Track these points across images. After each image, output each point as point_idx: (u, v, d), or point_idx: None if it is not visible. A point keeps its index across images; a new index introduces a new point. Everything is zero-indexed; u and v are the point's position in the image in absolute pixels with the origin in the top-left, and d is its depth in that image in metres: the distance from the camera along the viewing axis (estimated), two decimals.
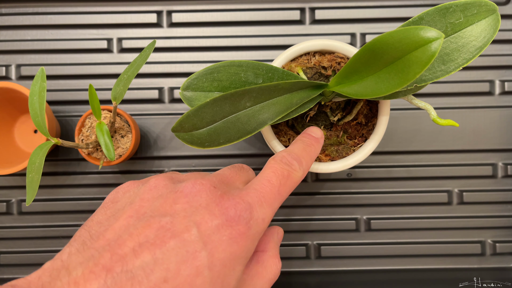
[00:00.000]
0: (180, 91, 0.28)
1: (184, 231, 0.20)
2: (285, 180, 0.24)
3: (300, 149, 0.26)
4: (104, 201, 0.24)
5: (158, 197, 0.22)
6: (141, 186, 0.23)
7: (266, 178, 0.23)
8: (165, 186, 0.23)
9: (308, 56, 0.32)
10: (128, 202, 0.22)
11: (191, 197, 0.21)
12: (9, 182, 0.44)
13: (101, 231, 0.20)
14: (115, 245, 0.19)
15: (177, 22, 0.44)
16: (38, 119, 0.32)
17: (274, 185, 0.23)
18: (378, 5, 0.44)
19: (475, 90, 0.44)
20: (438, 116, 0.27)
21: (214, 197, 0.22)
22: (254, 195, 0.22)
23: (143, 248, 0.19)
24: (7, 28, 0.44)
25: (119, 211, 0.22)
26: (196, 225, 0.20)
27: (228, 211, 0.21)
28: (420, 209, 0.44)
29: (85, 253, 0.19)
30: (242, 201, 0.22)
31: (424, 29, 0.21)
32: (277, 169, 0.24)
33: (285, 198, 0.24)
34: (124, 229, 0.20)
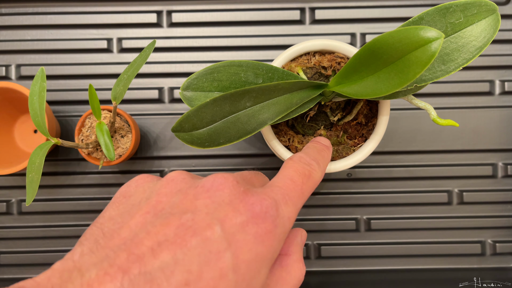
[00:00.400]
0: (180, 91, 0.28)
1: (207, 229, 0.18)
2: (306, 179, 0.23)
3: (315, 152, 0.26)
4: (115, 196, 0.22)
5: (177, 192, 0.20)
6: (157, 181, 0.22)
7: (288, 176, 0.22)
8: (183, 180, 0.21)
9: (308, 56, 0.32)
10: (144, 198, 0.21)
11: (213, 192, 0.20)
12: (9, 182, 0.44)
13: (115, 229, 0.19)
14: (132, 244, 0.17)
15: (177, 22, 0.44)
16: (38, 119, 0.32)
17: (297, 184, 0.22)
18: (378, 5, 0.44)
19: (475, 90, 0.44)
20: (438, 116, 0.27)
21: (237, 192, 0.20)
22: (278, 192, 0.21)
23: (163, 248, 0.17)
24: (7, 28, 0.44)
25: (134, 207, 0.20)
26: (220, 223, 0.18)
27: (254, 207, 0.19)
28: (420, 209, 0.44)
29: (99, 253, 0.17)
30: (267, 197, 0.20)
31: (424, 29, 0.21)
32: (298, 168, 0.23)
33: (307, 198, 0.23)
34: (141, 227, 0.18)
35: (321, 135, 0.32)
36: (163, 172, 0.44)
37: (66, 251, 0.44)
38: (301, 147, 0.32)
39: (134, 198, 0.21)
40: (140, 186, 0.22)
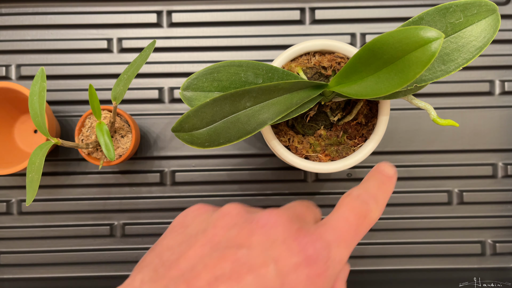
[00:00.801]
0: (180, 91, 0.28)
1: (262, 266, 0.19)
2: (362, 219, 0.22)
3: (375, 187, 0.24)
4: (173, 225, 0.23)
5: (233, 226, 0.21)
6: (213, 213, 0.23)
7: (343, 216, 0.22)
8: (238, 214, 0.22)
9: (308, 56, 0.32)
10: (201, 229, 0.21)
11: (268, 228, 0.21)
12: (9, 182, 0.44)
13: (173, 259, 0.20)
14: (190, 277, 0.18)
15: (177, 22, 0.44)
16: (38, 119, 0.32)
17: (352, 224, 0.22)
18: (378, 5, 0.44)
19: (475, 90, 0.44)
20: (438, 116, 0.27)
21: (291, 231, 0.21)
22: (332, 233, 0.21)
23: (219, 282, 0.18)
24: (7, 28, 0.44)
25: (192, 238, 0.21)
26: (274, 261, 0.19)
27: (307, 248, 0.20)
28: (420, 209, 0.44)
29: (159, 282, 0.18)
30: (320, 238, 0.21)
31: (424, 29, 0.21)
32: (354, 207, 0.22)
33: (361, 238, 0.22)
34: (199, 259, 0.19)
35: (321, 135, 0.32)
36: (163, 172, 0.44)
37: (66, 251, 0.44)
38: (301, 147, 0.32)
39: (192, 228, 0.22)
40: (197, 216, 0.23)
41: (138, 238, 0.44)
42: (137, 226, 0.44)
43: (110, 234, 0.44)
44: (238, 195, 0.44)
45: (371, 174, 0.25)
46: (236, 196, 0.44)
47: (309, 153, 0.32)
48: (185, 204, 0.44)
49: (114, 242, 0.44)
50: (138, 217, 0.44)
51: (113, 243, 0.44)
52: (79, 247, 0.44)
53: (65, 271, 0.44)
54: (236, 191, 0.44)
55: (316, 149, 0.32)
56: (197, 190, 0.44)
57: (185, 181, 0.44)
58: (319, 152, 0.32)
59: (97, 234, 0.44)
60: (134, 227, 0.44)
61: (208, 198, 0.44)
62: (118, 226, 0.44)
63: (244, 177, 0.44)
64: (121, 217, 0.44)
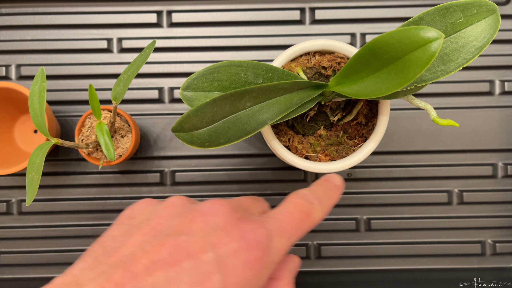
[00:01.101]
0: (180, 91, 0.28)
1: (200, 251, 0.19)
2: (306, 216, 0.23)
3: (322, 191, 0.25)
4: (119, 217, 0.23)
5: (176, 215, 0.22)
6: (159, 204, 0.23)
7: (287, 210, 0.23)
8: (182, 205, 0.22)
9: (308, 56, 0.32)
10: (145, 219, 0.22)
11: (209, 217, 0.21)
12: (9, 182, 0.44)
13: (115, 247, 0.20)
14: (129, 262, 0.19)
15: (177, 22, 0.44)
16: (38, 119, 0.32)
17: (295, 219, 0.23)
18: (378, 5, 0.44)
19: (475, 90, 0.44)
20: (438, 116, 0.27)
21: (232, 219, 0.21)
22: (274, 224, 0.22)
23: (157, 267, 0.18)
24: (7, 28, 0.44)
25: (135, 228, 0.21)
26: (213, 247, 0.20)
27: (247, 234, 0.20)
28: (420, 209, 0.44)
29: (98, 268, 0.19)
30: (262, 226, 0.21)
31: (424, 29, 0.21)
32: (299, 204, 0.23)
33: (302, 235, 0.23)
34: (139, 246, 0.20)
35: (321, 135, 0.32)
36: (163, 172, 0.44)
37: (66, 251, 0.44)
38: (301, 147, 0.32)
39: (136, 220, 0.22)
40: (144, 209, 0.23)
41: None
42: None
43: None
44: (238, 195, 0.44)
45: (319, 180, 0.27)
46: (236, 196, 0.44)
47: (309, 153, 0.32)
48: None
49: None
50: None
51: None
52: (79, 247, 0.44)
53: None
54: (236, 191, 0.44)
55: (316, 149, 0.32)
56: (197, 190, 0.44)
57: (185, 181, 0.44)
58: (319, 152, 0.32)
59: (97, 234, 0.44)
60: None
61: (208, 198, 0.44)
62: None
63: (244, 177, 0.44)
64: None
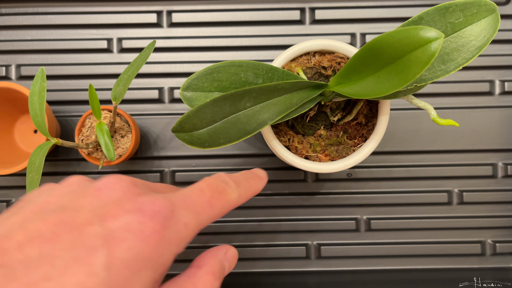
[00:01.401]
0: (180, 91, 0.28)
1: (85, 225, 0.17)
2: (218, 194, 0.21)
3: (240, 176, 0.24)
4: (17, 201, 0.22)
5: (68, 193, 0.20)
6: (57, 185, 0.21)
7: (197, 187, 0.21)
8: (78, 182, 0.21)
9: (308, 56, 0.32)
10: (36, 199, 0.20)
11: (103, 191, 0.19)
12: (9, 182, 0.44)
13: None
14: (1, 239, 0.17)
15: (177, 22, 0.44)
16: (38, 119, 0.32)
17: (205, 195, 0.21)
18: (378, 5, 0.44)
19: (475, 90, 0.44)
20: (438, 116, 0.27)
21: (130, 193, 0.19)
22: (180, 197, 0.20)
23: (32, 243, 0.16)
24: (7, 28, 0.44)
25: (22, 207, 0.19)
26: (100, 219, 0.17)
27: (143, 206, 0.18)
28: (420, 209, 0.44)
29: None
30: (163, 198, 0.19)
31: (424, 29, 0.21)
32: (211, 183, 0.22)
33: (216, 215, 0.21)
34: (20, 224, 0.17)
35: (321, 135, 0.32)
36: (163, 172, 0.44)
37: None
38: (301, 147, 0.32)
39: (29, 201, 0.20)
40: (41, 191, 0.21)
41: None
42: None
43: None
44: None
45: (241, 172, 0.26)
46: None
47: (309, 153, 0.32)
48: None
49: None
50: None
51: None
52: None
53: None
54: None
55: (316, 149, 0.32)
56: None
57: (185, 181, 0.44)
58: (319, 152, 0.32)
59: None
60: None
61: None
62: None
63: None
64: None
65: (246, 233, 0.44)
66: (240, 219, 0.44)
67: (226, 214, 0.44)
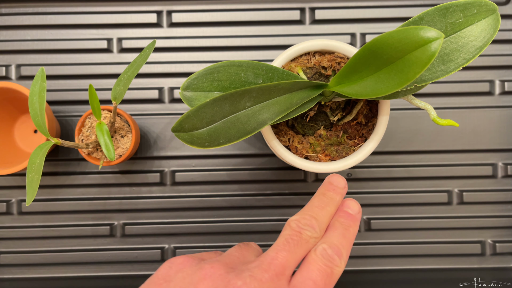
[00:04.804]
0: (180, 91, 0.28)
1: None
2: (329, 279, 0.23)
3: (340, 237, 0.25)
4: (156, 275, 0.24)
5: None
6: (196, 271, 0.23)
7: (311, 278, 0.23)
8: (220, 276, 0.23)
9: (308, 56, 0.32)
10: None
11: None
12: (9, 182, 0.44)
13: None
14: None
15: (177, 22, 0.44)
16: (38, 119, 0.32)
17: (320, 287, 0.23)
18: (378, 5, 0.44)
19: (475, 90, 0.44)
20: (438, 116, 0.27)
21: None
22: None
23: None
24: (7, 28, 0.44)
25: None
26: None
27: None
28: (420, 209, 0.44)
29: None
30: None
31: (424, 29, 0.21)
32: (321, 267, 0.23)
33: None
34: None
35: (321, 135, 0.32)
36: (163, 172, 0.44)
37: (66, 251, 0.44)
38: (301, 147, 0.32)
39: (174, 284, 0.23)
40: (180, 271, 0.23)
41: (138, 238, 0.44)
42: (137, 226, 0.44)
43: (110, 234, 0.44)
44: (238, 195, 0.44)
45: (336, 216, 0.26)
46: (236, 196, 0.44)
47: (309, 153, 0.32)
48: (185, 204, 0.44)
49: (114, 242, 0.44)
50: (138, 217, 0.44)
51: (113, 243, 0.44)
52: (79, 247, 0.44)
53: (65, 271, 0.44)
54: (236, 191, 0.44)
55: (316, 149, 0.32)
56: (197, 190, 0.44)
57: (185, 181, 0.44)
58: (319, 152, 0.32)
59: (97, 234, 0.44)
60: (134, 227, 0.44)
61: (208, 198, 0.44)
62: (118, 226, 0.44)
63: (244, 177, 0.44)
64: (121, 217, 0.44)
65: (246, 233, 0.44)
66: (240, 219, 0.44)
67: (224, 215, 0.45)
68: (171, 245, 0.44)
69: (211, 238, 0.44)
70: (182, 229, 0.44)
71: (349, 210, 0.26)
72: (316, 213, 0.25)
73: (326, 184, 0.28)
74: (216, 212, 0.44)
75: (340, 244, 0.24)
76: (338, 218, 0.26)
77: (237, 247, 0.27)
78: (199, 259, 0.25)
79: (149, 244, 0.44)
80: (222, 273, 0.23)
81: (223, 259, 0.25)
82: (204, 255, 0.27)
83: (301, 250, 0.24)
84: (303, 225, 0.24)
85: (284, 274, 0.23)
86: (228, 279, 0.22)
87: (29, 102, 0.32)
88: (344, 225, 0.25)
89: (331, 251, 0.24)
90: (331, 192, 0.27)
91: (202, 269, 0.23)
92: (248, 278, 0.22)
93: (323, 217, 0.25)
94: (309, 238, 0.24)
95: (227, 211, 0.44)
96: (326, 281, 0.23)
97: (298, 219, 0.25)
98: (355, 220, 0.26)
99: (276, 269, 0.23)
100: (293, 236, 0.24)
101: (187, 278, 0.23)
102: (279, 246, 0.24)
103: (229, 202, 0.44)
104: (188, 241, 0.44)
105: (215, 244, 0.44)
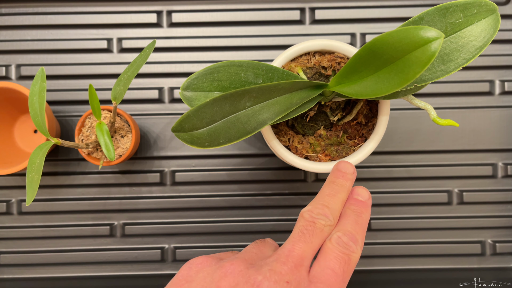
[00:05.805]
0: (180, 91, 0.28)
1: None
2: (347, 266, 0.24)
3: (353, 223, 0.25)
4: (177, 277, 0.24)
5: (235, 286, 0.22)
6: (216, 269, 0.23)
7: (329, 267, 0.23)
8: (240, 273, 0.23)
9: (308, 56, 0.32)
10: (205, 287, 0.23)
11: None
12: (9, 182, 0.44)
13: None
14: None
15: (177, 22, 0.44)
16: (38, 119, 0.32)
17: (339, 275, 0.23)
18: (378, 5, 0.44)
19: (475, 90, 0.44)
20: (438, 116, 0.27)
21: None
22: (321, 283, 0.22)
23: None
24: (7, 28, 0.44)
25: None
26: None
27: None
28: (420, 209, 0.44)
29: None
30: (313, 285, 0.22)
31: (424, 29, 0.21)
32: (338, 255, 0.24)
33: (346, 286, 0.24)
34: None
35: (321, 135, 0.32)
36: (163, 172, 0.44)
37: (66, 251, 0.44)
38: (301, 147, 0.32)
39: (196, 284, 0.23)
40: (201, 271, 0.24)
41: (138, 238, 0.44)
42: (137, 226, 0.44)
43: (110, 234, 0.44)
44: (238, 195, 0.44)
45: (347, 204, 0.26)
46: (236, 196, 0.44)
47: (309, 153, 0.32)
48: (185, 204, 0.44)
49: (114, 242, 0.44)
50: (138, 217, 0.44)
51: (113, 243, 0.44)
52: (79, 247, 0.44)
53: (65, 271, 0.44)
54: (236, 191, 0.44)
55: (316, 149, 0.32)
56: (197, 190, 0.44)
57: (185, 181, 0.44)
58: (319, 152, 0.32)
59: (97, 234, 0.44)
60: (134, 227, 0.44)
61: (208, 198, 0.44)
62: (118, 226, 0.44)
63: (244, 177, 0.44)
64: (121, 217, 0.44)
65: (246, 233, 0.44)
66: (240, 219, 0.44)
67: (224, 215, 0.45)
68: (171, 245, 0.44)
69: (211, 238, 0.44)
70: (182, 229, 0.44)
71: (359, 197, 0.27)
72: (327, 201, 0.25)
73: (335, 171, 0.28)
74: (216, 212, 0.44)
75: (354, 230, 0.25)
76: (350, 206, 0.26)
77: (254, 244, 0.27)
78: (218, 259, 0.25)
79: (149, 244, 0.44)
80: (242, 269, 0.23)
81: (241, 256, 0.25)
82: (222, 255, 0.27)
83: (317, 239, 0.24)
84: (316, 214, 0.24)
85: (303, 265, 0.23)
86: (249, 275, 0.22)
87: (29, 102, 0.32)
88: (356, 212, 0.26)
89: (346, 238, 0.24)
90: (341, 179, 0.27)
91: (222, 267, 0.23)
92: (268, 272, 0.22)
93: (335, 205, 0.25)
94: (324, 226, 0.24)
95: (227, 211, 0.44)
96: (345, 268, 0.23)
97: (310, 209, 0.25)
98: (366, 206, 0.26)
99: (294, 261, 0.23)
100: (307, 226, 0.24)
101: (208, 277, 0.23)
102: (294, 237, 0.24)
103: (229, 202, 0.44)
104: (188, 241, 0.44)
105: (215, 244, 0.44)
